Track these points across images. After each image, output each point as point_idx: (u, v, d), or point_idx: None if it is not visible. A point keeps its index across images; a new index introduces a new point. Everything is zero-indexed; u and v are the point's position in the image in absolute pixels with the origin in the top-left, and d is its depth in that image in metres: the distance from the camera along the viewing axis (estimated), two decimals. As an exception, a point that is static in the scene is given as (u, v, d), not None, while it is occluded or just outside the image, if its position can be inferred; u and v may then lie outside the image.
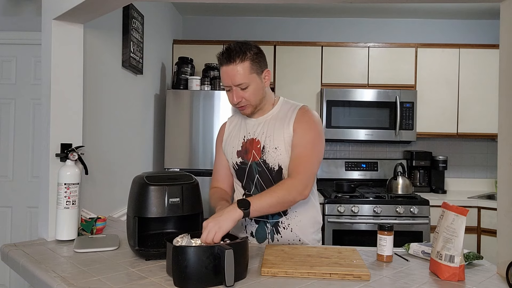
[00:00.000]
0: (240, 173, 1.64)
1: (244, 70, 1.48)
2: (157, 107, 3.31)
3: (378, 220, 3.09)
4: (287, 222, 1.60)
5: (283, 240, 1.61)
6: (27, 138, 2.75)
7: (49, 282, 1.21)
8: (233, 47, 1.50)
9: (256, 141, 1.59)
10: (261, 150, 1.57)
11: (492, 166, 3.91)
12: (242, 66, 1.48)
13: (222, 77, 1.53)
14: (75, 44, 1.82)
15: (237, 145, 1.64)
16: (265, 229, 1.62)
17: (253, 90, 1.52)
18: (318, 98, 3.60)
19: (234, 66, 1.48)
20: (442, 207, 1.32)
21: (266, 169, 1.58)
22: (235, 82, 1.49)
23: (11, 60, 2.73)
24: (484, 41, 3.89)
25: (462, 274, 1.24)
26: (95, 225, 1.76)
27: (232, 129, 1.70)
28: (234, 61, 1.48)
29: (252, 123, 1.64)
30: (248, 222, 1.64)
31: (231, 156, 1.65)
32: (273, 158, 1.55)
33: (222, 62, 1.51)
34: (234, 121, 1.73)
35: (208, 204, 3.15)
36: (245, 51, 1.49)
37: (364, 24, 4.03)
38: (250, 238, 1.64)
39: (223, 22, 4.06)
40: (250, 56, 1.49)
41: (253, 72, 1.51)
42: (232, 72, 1.49)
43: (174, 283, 1.16)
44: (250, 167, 1.60)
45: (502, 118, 1.36)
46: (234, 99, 1.53)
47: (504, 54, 1.36)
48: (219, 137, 1.75)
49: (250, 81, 1.50)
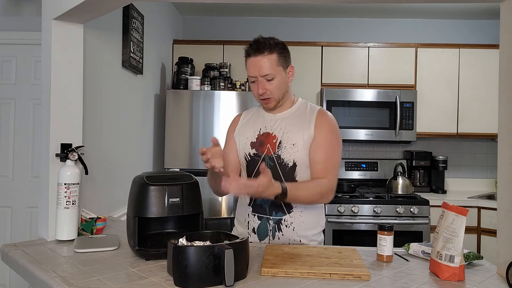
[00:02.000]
0: (251, 165, 1.65)
1: (271, 62, 1.53)
2: (157, 107, 3.31)
3: (378, 220, 3.09)
4: (290, 221, 1.61)
5: (283, 238, 1.61)
6: (27, 138, 2.75)
7: (49, 282, 1.21)
8: (262, 40, 1.56)
9: (272, 135, 1.62)
10: (277, 145, 1.60)
11: (492, 166, 3.91)
12: (270, 58, 1.53)
13: (249, 68, 1.57)
14: (75, 44, 1.82)
15: (251, 136, 1.66)
16: (267, 226, 1.62)
17: (278, 83, 1.57)
18: (318, 98, 3.60)
19: (262, 57, 1.53)
20: (442, 207, 1.32)
21: (278, 164, 1.59)
22: (262, 72, 1.54)
23: (11, 60, 2.73)
24: (484, 41, 3.89)
25: (462, 274, 1.24)
26: (95, 225, 1.76)
27: (248, 120, 1.73)
28: (263, 53, 1.53)
29: (269, 118, 1.67)
30: (251, 218, 1.65)
31: (244, 146, 1.67)
32: (289, 154, 1.58)
33: (250, 53, 1.56)
34: (249, 113, 1.76)
35: (208, 204, 3.16)
36: (273, 44, 1.55)
37: (364, 24, 4.03)
38: (252, 235, 1.65)
39: (223, 22, 4.06)
40: (277, 50, 1.55)
41: (279, 65, 1.56)
42: (259, 63, 1.53)
43: (175, 283, 1.16)
44: (263, 160, 1.62)
45: (502, 118, 1.36)
46: (259, 90, 1.56)
47: (504, 54, 1.36)
48: (232, 127, 1.76)
49: (276, 74, 1.55)
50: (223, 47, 3.61)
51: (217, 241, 1.28)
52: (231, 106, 3.18)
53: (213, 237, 1.32)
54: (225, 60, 3.58)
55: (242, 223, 1.69)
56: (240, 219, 1.70)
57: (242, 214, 1.69)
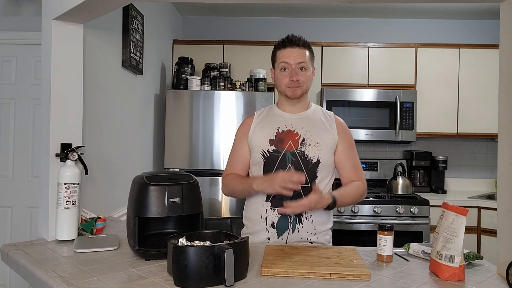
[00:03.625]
0: (271, 161, 1.66)
1: (306, 54, 1.69)
2: (157, 107, 3.31)
3: (378, 220, 3.09)
4: (310, 213, 1.64)
5: (302, 231, 1.63)
6: (27, 138, 2.75)
7: (49, 282, 1.21)
8: (297, 36, 1.71)
9: (294, 133, 1.68)
10: (299, 142, 1.67)
11: (492, 166, 3.91)
12: (304, 51, 1.69)
13: (284, 56, 1.67)
14: (75, 44, 1.82)
15: (269, 133, 1.70)
16: (287, 219, 1.64)
17: (309, 74, 1.71)
18: (318, 98, 3.60)
19: (299, 49, 1.68)
20: (442, 207, 1.32)
21: (301, 160, 1.64)
22: (297, 60, 1.66)
23: (11, 60, 2.73)
24: (484, 41, 3.89)
25: (462, 274, 1.24)
26: (95, 225, 1.76)
27: (262, 120, 1.76)
28: (299, 45, 1.68)
29: (287, 117, 1.73)
30: (270, 213, 1.65)
31: (261, 144, 1.68)
32: (313, 151, 1.65)
33: (285, 45, 1.69)
34: (262, 114, 1.79)
35: (208, 204, 3.16)
36: (306, 42, 1.72)
37: (364, 24, 4.03)
38: (270, 230, 1.64)
39: (223, 22, 4.06)
40: (309, 48, 1.72)
41: (310, 60, 1.71)
42: (297, 53, 1.67)
43: (175, 283, 1.16)
44: (284, 156, 1.65)
45: (502, 118, 1.36)
46: (292, 77, 1.66)
47: (504, 54, 1.36)
48: (244, 128, 1.78)
49: (308, 65, 1.69)
50: (223, 47, 3.61)
51: (217, 241, 1.28)
52: (231, 106, 3.18)
53: (213, 237, 1.32)
54: (225, 60, 3.58)
55: (256, 220, 1.68)
56: (254, 216, 1.69)
57: (256, 211, 1.68)
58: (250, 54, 3.57)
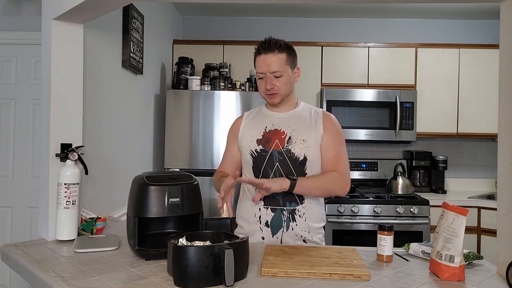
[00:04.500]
0: (259, 160, 1.68)
1: (280, 60, 1.63)
2: (157, 107, 3.31)
3: (378, 220, 3.09)
4: (303, 211, 1.65)
5: (296, 229, 1.64)
6: (27, 138, 2.75)
7: (49, 282, 1.21)
8: (273, 40, 1.65)
9: (280, 131, 1.69)
10: (286, 140, 1.67)
11: (492, 166, 3.91)
12: (279, 56, 1.63)
13: (259, 65, 1.65)
14: (75, 44, 1.82)
15: (257, 134, 1.71)
16: (281, 217, 1.64)
17: (285, 80, 1.65)
18: (318, 98, 3.60)
19: (272, 55, 1.62)
20: (442, 207, 1.32)
21: (288, 158, 1.65)
22: (271, 69, 1.62)
23: (11, 60, 2.73)
24: (484, 41, 3.89)
25: (462, 274, 1.24)
26: (95, 225, 1.76)
27: (251, 121, 1.77)
28: (273, 51, 1.63)
29: (275, 116, 1.73)
30: (263, 211, 1.66)
31: (249, 144, 1.70)
32: (300, 148, 1.65)
33: (260, 51, 1.65)
34: (251, 114, 1.81)
35: (208, 204, 3.16)
36: (283, 45, 1.65)
37: (364, 24, 4.03)
38: (264, 229, 1.65)
39: (223, 22, 4.06)
40: (286, 50, 1.65)
41: (287, 64, 1.65)
42: (269, 60, 1.62)
43: (175, 283, 1.16)
44: (271, 155, 1.66)
45: (502, 118, 1.36)
46: (266, 85, 1.64)
47: (504, 54, 1.36)
48: (234, 128, 1.81)
49: (284, 71, 1.64)
50: (223, 47, 3.61)
51: (217, 241, 1.28)
52: (231, 106, 3.18)
53: (213, 237, 1.32)
54: (225, 60, 3.58)
55: (250, 219, 1.69)
56: (247, 216, 1.70)
57: (249, 210, 1.69)
58: (250, 54, 3.54)
